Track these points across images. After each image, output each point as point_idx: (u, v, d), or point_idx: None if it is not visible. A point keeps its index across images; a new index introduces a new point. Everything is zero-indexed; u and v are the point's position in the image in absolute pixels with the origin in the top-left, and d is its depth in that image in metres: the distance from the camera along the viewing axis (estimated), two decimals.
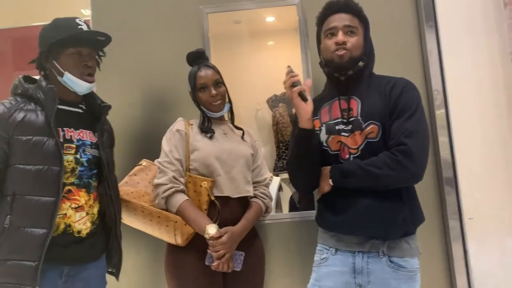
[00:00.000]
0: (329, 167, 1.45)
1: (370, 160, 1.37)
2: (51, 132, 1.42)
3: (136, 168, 1.81)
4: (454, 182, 2.03)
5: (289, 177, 1.59)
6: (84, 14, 3.42)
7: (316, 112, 1.50)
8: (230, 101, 1.81)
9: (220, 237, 1.54)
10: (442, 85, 2.08)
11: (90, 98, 1.62)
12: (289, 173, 1.58)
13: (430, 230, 2.05)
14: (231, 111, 1.83)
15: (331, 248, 1.47)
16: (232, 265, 1.58)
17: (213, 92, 1.71)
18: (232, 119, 1.85)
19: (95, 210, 1.54)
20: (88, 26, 1.54)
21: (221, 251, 1.53)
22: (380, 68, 1.74)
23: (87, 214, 1.50)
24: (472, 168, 2.01)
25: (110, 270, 1.65)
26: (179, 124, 1.74)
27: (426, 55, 2.10)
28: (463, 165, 2.02)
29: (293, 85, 1.39)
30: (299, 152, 1.48)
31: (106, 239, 1.60)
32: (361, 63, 1.46)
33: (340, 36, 1.44)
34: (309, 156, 1.46)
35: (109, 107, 1.66)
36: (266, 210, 1.79)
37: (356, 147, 1.42)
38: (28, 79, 1.55)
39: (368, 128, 1.40)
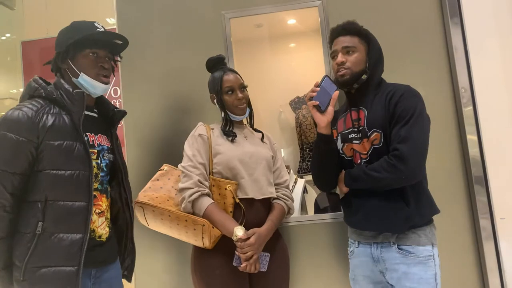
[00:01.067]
0: (344, 172, 1.65)
1: (372, 165, 1.53)
2: (79, 137, 1.41)
3: (158, 173, 1.83)
4: (484, 181, 1.98)
5: (312, 177, 1.78)
6: (109, 23, 3.54)
7: (334, 122, 1.71)
8: (250, 106, 1.84)
9: (248, 238, 1.56)
10: (469, 82, 2.04)
11: (102, 103, 1.63)
12: (311, 173, 1.77)
13: (461, 229, 2.01)
14: (250, 115, 1.86)
15: (355, 242, 1.66)
16: (258, 266, 1.59)
17: (240, 95, 1.74)
18: (251, 123, 1.88)
19: (109, 215, 1.57)
20: (103, 29, 1.52)
21: (249, 252, 1.55)
22: (405, 66, 1.74)
23: (106, 219, 1.54)
24: (502, 166, 1.97)
25: (122, 272, 1.66)
26: (200, 128, 1.76)
27: (451, 52, 2.07)
28: (493, 164, 1.97)
29: (310, 99, 1.58)
30: (318, 155, 1.68)
31: (119, 242, 1.62)
32: (364, 76, 1.60)
33: (339, 58, 1.62)
34: (327, 158, 1.65)
35: (124, 112, 1.68)
36: (288, 212, 1.80)
37: (365, 152, 1.58)
38: (44, 81, 1.51)
39: (373, 135, 1.56)
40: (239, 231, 1.56)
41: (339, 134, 1.68)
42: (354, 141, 1.61)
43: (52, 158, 1.37)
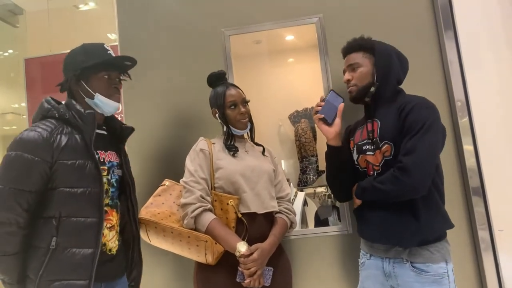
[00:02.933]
0: (356, 184, 1.65)
1: (380, 177, 1.54)
2: (90, 155, 1.46)
3: (160, 188, 1.85)
4: (482, 192, 2.00)
5: (328, 187, 1.85)
6: (110, 38, 3.59)
7: (353, 134, 1.76)
8: (251, 121, 1.86)
9: (251, 254, 1.57)
10: (464, 95, 2.07)
11: (110, 120, 1.67)
12: (328, 184, 1.83)
13: (460, 240, 2.02)
14: (251, 129, 1.87)
15: (367, 254, 1.67)
16: (262, 281, 1.59)
17: (242, 109, 1.76)
18: (252, 137, 1.89)
19: (118, 228, 1.61)
20: (112, 51, 1.60)
21: (252, 268, 1.55)
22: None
23: (116, 232, 1.58)
24: (499, 177, 1.99)
25: (128, 283, 1.68)
26: (201, 143, 1.78)
27: (447, 65, 2.11)
28: (490, 174, 1.99)
29: (316, 113, 1.67)
30: (330, 166, 1.73)
31: (125, 255, 1.65)
32: (372, 89, 1.62)
33: (345, 76, 1.70)
34: (339, 169, 1.70)
35: (132, 129, 1.72)
36: (291, 226, 1.80)
37: (378, 164, 1.58)
38: (55, 101, 1.55)
39: (384, 147, 1.56)
40: (242, 247, 1.56)
41: (355, 145, 1.70)
42: (368, 153, 1.62)
43: (65, 176, 1.42)
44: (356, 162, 1.69)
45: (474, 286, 2.00)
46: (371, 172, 1.60)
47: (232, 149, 1.75)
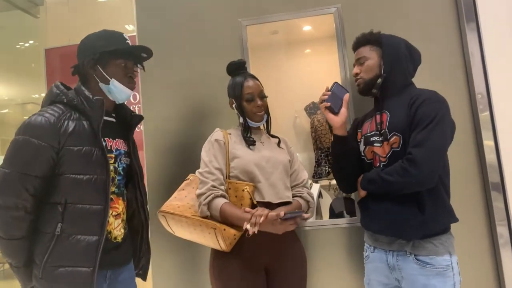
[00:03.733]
0: (362, 175, 1.66)
1: (387, 168, 1.54)
2: (98, 142, 1.46)
3: (184, 183, 1.87)
4: (502, 187, 1.96)
5: (334, 178, 1.85)
6: (128, 29, 3.62)
7: (360, 125, 1.77)
8: (268, 113, 1.85)
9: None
10: (485, 88, 2.03)
11: (120, 108, 1.67)
12: (333, 175, 1.84)
13: (478, 236, 1.99)
14: (267, 121, 1.87)
15: (371, 247, 1.68)
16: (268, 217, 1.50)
17: (259, 103, 1.76)
18: (268, 129, 1.89)
19: (125, 216, 1.62)
20: (130, 42, 1.61)
21: (259, 215, 1.49)
22: (421, 72, 1.74)
23: (122, 221, 1.59)
24: None
25: (136, 271, 1.71)
26: (217, 134, 1.78)
27: (468, 57, 2.06)
28: (510, 170, 1.95)
29: (322, 102, 1.69)
30: (335, 155, 1.74)
31: (133, 243, 1.67)
32: (379, 80, 1.64)
33: (354, 71, 1.73)
34: (344, 159, 1.71)
35: (141, 117, 1.73)
36: (308, 205, 1.78)
37: (384, 156, 1.59)
38: (65, 86, 1.55)
39: (392, 139, 1.57)
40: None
41: (363, 137, 1.71)
42: (375, 144, 1.63)
43: (72, 162, 1.42)
44: (362, 154, 1.70)
45: (491, 281, 1.97)
46: (378, 164, 1.61)
47: (249, 142, 1.75)
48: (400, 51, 1.64)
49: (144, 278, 1.75)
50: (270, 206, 1.67)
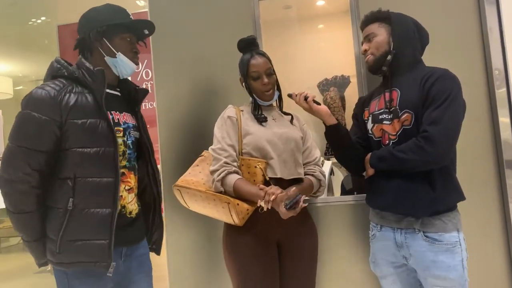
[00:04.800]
0: (370, 154, 1.65)
1: (399, 146, 1.53)
2: (102, 114, 1.45)
3: (198, 159, 1.89)
4: None
5: (340, 164, 1.88)
6: (139, 5, 3.60)
7: (367, 104, 1.75)
8: (279, 89, 1.84)
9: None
10: (503, 64, 1.98)
11: (124, 82, 1.67)
12: (338, 162, 1.87)
13: (491, 214, 1.99)
14: (279, 98, 1.86)
15: (377, 225, 1.69)
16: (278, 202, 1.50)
17: (265, 81, 1.74)
18: (280, 106, 1.89)
19: (137, 191, 1.64)
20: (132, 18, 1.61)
21: (271, 190, 1.51)
22: (438, 47, 1.71)
23: (135, 195, 1.61)
24: None
25: (149, 246, 1.72)
26: (229, 110, 1.79)
27: (486, 33, 2.01)
28: None
29: (306, 98, 1.71)
30: (334, 144, 1.75)
31: (145, 217, 1.69)
32: (389, 57, 1.62)
33: (362, 48, 1.71)
34: (342, 144, 1.72)
35: (146, 91, 1.72)
36: (320, 184, 1.80)
37: (394, 133, 1.58)
38: (66, 62, 1.54)
39: (404, 116, 1.55)
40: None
41: (370, 115, 1.70)
42: (385, 122, 1.61)
43: (77, 136, 1.41)
44: (370, 132, 1.69)
45: (502, 259, 1.98)
46: (387, 142, 1.61)
47: (260, 120, 1.76)
48: (409, 28, 1.63)
49: (158, 252, 1.78)
50: (282, 182, 1.69)
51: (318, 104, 1.71)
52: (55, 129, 1.39)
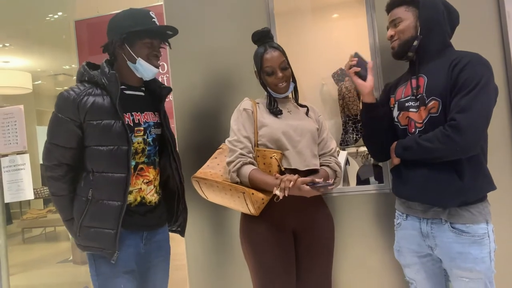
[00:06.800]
0: (395, 142, 1.62)
1: (426, 135, 1.48)
2: (117, 115, 1.58)
3: (217, 151, 1.93)
4: None
5: (366, 147, 1.86)
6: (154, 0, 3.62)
7: (394, 90, 1.70)
8: (294, 81, 1.83)
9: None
10: None
11: (150, 81, 1.76)
12: (364, 144, 1.85)
13: (506, 194, 1.96)
14: (295, 89, 1.86)
15: (403, 214, 1.66)
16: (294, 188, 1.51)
17: (280, 75, 1.74)
18: (296, 98, 1.88)
19: (157, 182, 1.75)
20: (156, 19, 1.68)
21: (288, 177, 1.53)
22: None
23: (154, 186, 1.72)
24: None
25: (174, 229, 1.88)
26: (245, 103, 1.80)
27: (504, 17, 1.97)
28: None
29: (350, 67, 1.68)
30: (366, 123, 1.73)
31: (170, 204, 1.81)
32: (415, 43, 1.57)
33: (388, 33, 1.66)
34: (376, 125, 1.69)
35: (170, 89, 1.83)
36: (335, 175, 1.79)
37: (421, 121, 1.54)
38: (91, 65, 1.69)
39: (431, 103, 1.50)
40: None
41: (396, 102, 1.65)
42: (411, 109, 1.57)
43: (93, 135, 1.57)
44: (396, 120, 1.65)
45: None
46: (413, 130, 1.56)
47: (276, 113, 1.77)
48: (438, 11, 1.55)
49: (182, 234, 1.91)
50: (297, 173, 1.69)
51: (363, 78, 1.67)
52: (76, 129, 1.57)
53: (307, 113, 1.85)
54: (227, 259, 2.25)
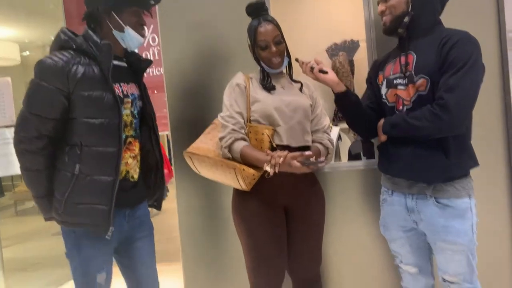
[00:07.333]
0: (383, 120, 1.63)
1: (414, 113, 1.50)
2: (108, 87, 1.50)
3: (210, 126, 1.91)
4: None
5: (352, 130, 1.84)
6: None
7: (382, 67, 1.70)
8: (289, 56, 1.81)
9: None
10: None
11: (129, 53, 1.70)
12: (350, 128, 1.89)
13: (495, 176, 2.00)
14: (289, 65, 1.83)
15: (388, 190, 1.69)
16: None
17: (273, 49, 1.71)
18: (290, 74, 1.86)
19: (139, 157, 1.71)
20: None
21: (278, 153, 1.52)
22: (451, 9, 1.66)
23: (137, 161, 1.69)
24: None
25: (150, 203, 1.83)
26: (238, 77, 1.78)
27: None
28: None
29: (312, 68, 1.66)
30: (345, 111, 1.74)
31: (148, 179, 1.76)
32: (406, 19, 1.54)
33: (379, 8, 1.62)
34: (352, 111, 1.71)
35: (150, 62, 1.76)
36: (327, 152, 1.80)
37: (409, 99, 1.54)
38: (71, 33, 1.56)
39: (419, 81, 1.50)
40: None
41: (385, 79, 1.65)
42: (399, 87, 1.57)
43: (83, 107, 1.48)
44: (384, 97, 1.65)
45: (505, 220, 2.01)
46: (401, 107, 1.57)
47: (269, 88, 1.75)
48: None
49: (158, 208, 1.87)
50: (288, 149, 1.68)
51: (325, 73, 1.66)
52: (62, 99, 1.46)
53: (301, 89, 1.84)
54: (220, 231, 2.27)
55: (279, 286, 1.75)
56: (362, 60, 1.87)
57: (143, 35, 1.63)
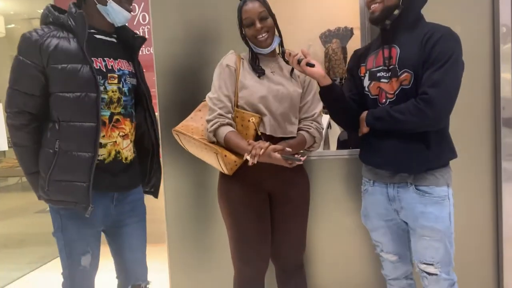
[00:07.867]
0: (366, 112, 1.63)
1: (398, 106, 1.51)
2: (85, 59, 1.45)
3: (201, 103, 1.87)
4: None
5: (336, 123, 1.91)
6: None
7: (364, 59, 1.68)
8: (280, 35, 1.77)
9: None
10: (511, 19, 1.93)
11: (121, 29, 1.65)
12: (334, 121, 1.86)
13: (483, 170, 2.03)
14: (281, 45, 1.79)
15: (370, 181, 1.71)
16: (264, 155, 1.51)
17: (258, 26, 1.66)
18: (283, 53, 1.79)
19: (133, 138, 1.67)
20: None
21: (259, 144, 1.52)
22: (445, 1, 1.64)
23: (130, 141, 1.64)
24: None
25: (147, 190, 1.80)
26: (229, 58, 1.74)
27: None
28: None
29: (299, 61, 1.59)
30: (331, 105, 1.71)
31: (144, 163, 1.73)
32: (396, 12, 1.53)
33: None
34: (337, 104, 1.68)
35: (144, 39, 1.71)
36: (314, 140, 1.78)
37: (392, 92, 1.55)
38: (57, 9, 1.56)
39: (403, 75, 1.51)
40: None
41: (367, 71, 1.65)
42: (382, 80, 1.58)
43: (58, 81, 1.45)
44: (366, 89, 1.65)
45: (490, 215, 2.05)
46: (384, 100, 1.58)
47: (257, 72, 1.72)
48: None
49: (155, 195, 1.85)
50: (272, 139, 1.68)
51: (312, 66, 1.60)
52: (39, 74, 1.45)
53: (291, 73, 1.79)
54: (206, 214, 2.27)
55: (263, 271, 1.76)
56: (355, 48, 1.85)
57: (129, 10, 1.58)
